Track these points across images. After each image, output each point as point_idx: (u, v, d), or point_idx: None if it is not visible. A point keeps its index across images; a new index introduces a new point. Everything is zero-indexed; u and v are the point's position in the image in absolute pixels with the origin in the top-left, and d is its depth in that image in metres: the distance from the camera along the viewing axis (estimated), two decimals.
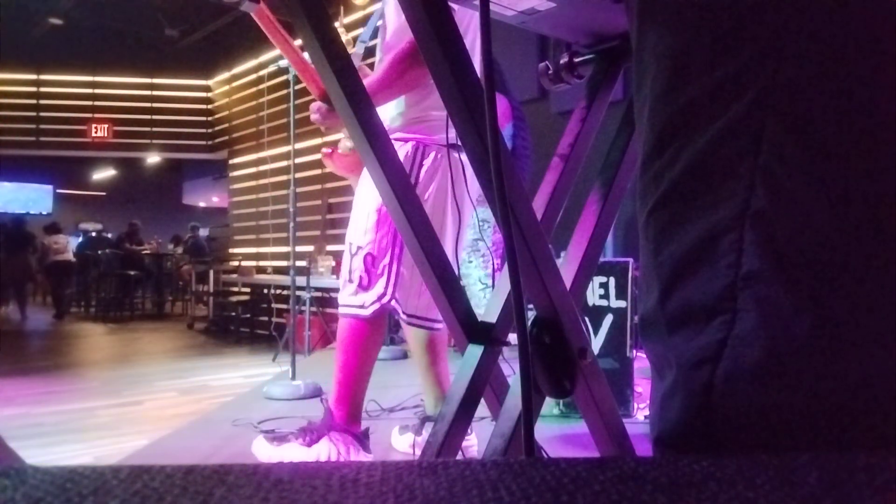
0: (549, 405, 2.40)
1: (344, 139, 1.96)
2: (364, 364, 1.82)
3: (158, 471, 0.23)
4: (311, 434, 1.81)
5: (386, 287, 1.77)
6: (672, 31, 0.41)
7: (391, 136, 1.82)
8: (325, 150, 1.96)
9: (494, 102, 0.63)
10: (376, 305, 1.76)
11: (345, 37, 2.06)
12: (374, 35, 1.95)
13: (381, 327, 1.85)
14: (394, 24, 1.84)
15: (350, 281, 1.82)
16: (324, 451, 1.79)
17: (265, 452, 1.88)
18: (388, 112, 1.87)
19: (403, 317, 1.84)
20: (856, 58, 0.35)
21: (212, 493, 0.21)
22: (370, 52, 2.00)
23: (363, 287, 1.78)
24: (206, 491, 0.21)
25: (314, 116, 1.70)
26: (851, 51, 0.35)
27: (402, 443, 2.10)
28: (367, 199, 1.83)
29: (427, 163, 1.80)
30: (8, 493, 0.21)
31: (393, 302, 1.77)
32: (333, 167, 1.97)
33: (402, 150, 1.79)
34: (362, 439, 1.83)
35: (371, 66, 1.97)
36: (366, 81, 1.71)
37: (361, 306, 1.78)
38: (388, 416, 2.51)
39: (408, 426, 2.12)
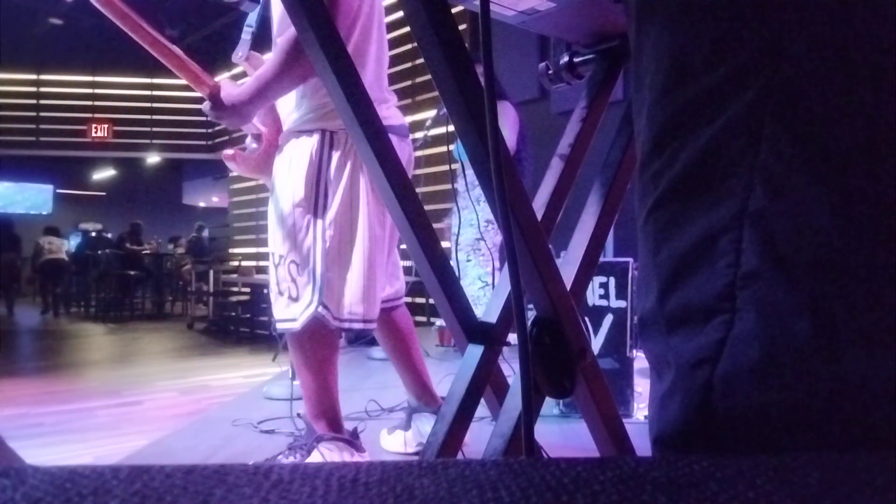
0: (549, 405, 2.40)
1: (248, 140, 1.84)
2: (322, 375, 1.72)
3: (158, 471, 0.23)
4: (300, 449, 1.75)
5: (312, 295, 1.65)
6: (671, 31, 0.41)
7: (293, 131, 1.72)
8: (225, 152, 1.76)
9: (495, 102, 0.63)
10: (305, 316, 1.65)
11: None
12: (264, 23, 1.79)
13: (326, 334, 1.70)
14: (279, 13, 1.72)
15: (280, 294, 1.70)
16: (318, 461, 1.73)
17: None
18: (287, 105, 1.77)
19: (334, 323, 1.67)
20: (857, 57, 0.35)
21: (212, 493, 0.21)
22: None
23: (293, 299, 1.67)
24: (206, 491, 0.21)
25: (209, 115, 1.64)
26: (852, 50, 0.35)
27: (392, 443, 2.07)
28: (280, 203, 1.71)
29: (336, 153, 1.68)
30: (7, 493, 0.21)
31: (320, 308, 1.64)
32: (238, 169, 1.81)
33: (308, 143, 1.69)
34: (352, 441, 1.77)
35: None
36: (256, 74, 1.62)
37: (293, 320, 1.67)
38: (388, 415, 2.51)
39: (395, 426, 2.10)
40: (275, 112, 1.82)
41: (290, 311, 1.68)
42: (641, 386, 2.47)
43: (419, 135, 3.77)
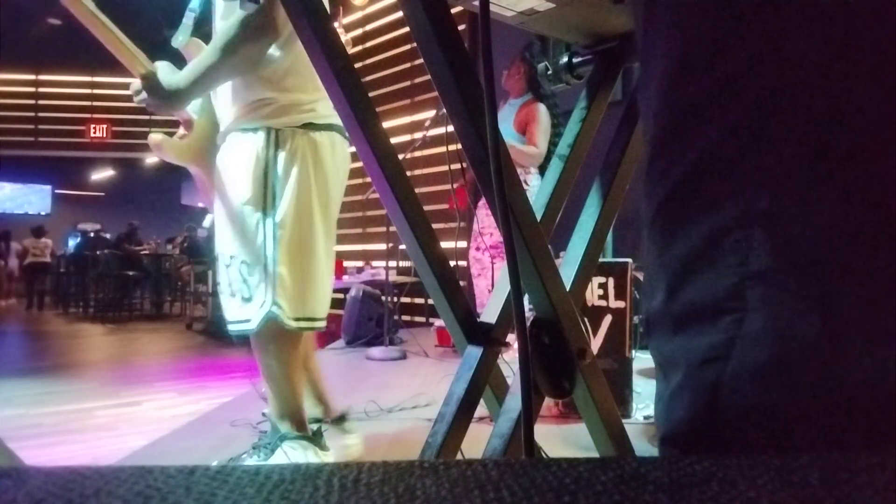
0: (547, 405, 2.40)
1: (181, 129, 1.79)
2: (287, 375, 1.71)
3: (161, 471, 0.23)
4: (264, 448, 1.74)
5: (265, 294, 1.63)
6: (676, 31, 0.41)
7: (236, 129, 1.69)
8: (152, 136, 1.71)
9: (494, 102, 0.63)
10: (260, 316, 1.63)
11: (344, 37, 2.00)
12: (206, 8, 1.72)
13: (288, 333, 1.68)
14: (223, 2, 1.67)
15: (232, 295, 1.67)
16: (281, 461, 1.69)
17: None
18: (224, 98, 1.73)
19: (291, 323, 1.65)
20: (858, 56, 0.35)
21: (215, 494, 0.21)
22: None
23: (246, 299, 1.65)
24: (209, 492, 0.21)
25: (138, 98, 1.60)
26: (854, 49, 0.35)
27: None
28: (228, 202, 1.68)
29: (282, 151, 1.65)
30: (10, 494, 0.21)
31: (275, 308, 1.62)
32: (164, 156, 1.74)
33: (252, 142, 1.65)
34: (316, 439, 1.76)
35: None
36: (194, 60, 1.58)
37: (248, 321, 1.65)
38: (387, 416, 2.51)
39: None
40: (209, 102, 1.79)
41: (244, 311, 1.66)
42: (640, 386, 2.47)
43: (418, 135, 3.77)
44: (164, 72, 1.59)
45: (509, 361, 1.72)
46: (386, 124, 1.23)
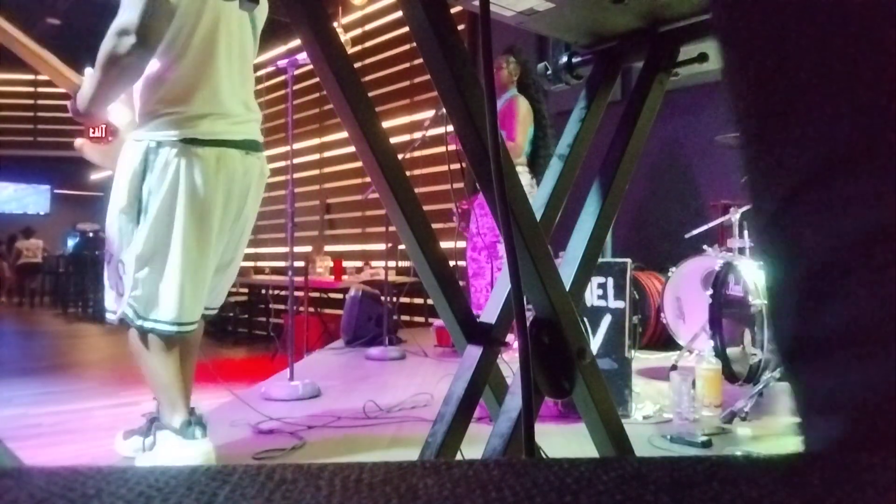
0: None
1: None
2: (152, 369, 1.86)
3: (163, 471, 0.23)
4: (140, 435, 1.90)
5: (127, 293, 1.79)
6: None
7: (128, 139, 1.81)
8: (77, 141, 1.91)
9: (495, 102, 0.63)
10: (120, 312, 1.81)
11: (344, 37, 2.01)
12: None
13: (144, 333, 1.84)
14: None
15: (111, 289, 1.88)
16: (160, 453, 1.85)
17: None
18: (124, 110, 1.86)
19: (136, 322, 1.81)
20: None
21: (216, 494, 0.21)
22: None
23: (120, 294, 1.83)
24: (210, 491, 0.21)
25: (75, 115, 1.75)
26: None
27: (126, 447, 2.06)
28: (111, 208, 1.84)
29: (159, 162, 1.76)
30: (12, 494, 0.21)
31: (127, 307, 1.79)
32: (88, 157, 1.94)
33: (134, 152, 1.79)
34: (182, 430, 1.86)
35: None
36: (85, 80, 1.76)
37: (114, 312, 1.85)
38: (387, 415, 2.51)
39: (133, 430, 2.07)
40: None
41: (115, 305, 1.85)
42: (640, 386, 2.48)
43: (418, 135, 3.77)
44: (83, 86, 1.75)
45: (509, 361, 1.72)
46: (386, 124, 1.23)
